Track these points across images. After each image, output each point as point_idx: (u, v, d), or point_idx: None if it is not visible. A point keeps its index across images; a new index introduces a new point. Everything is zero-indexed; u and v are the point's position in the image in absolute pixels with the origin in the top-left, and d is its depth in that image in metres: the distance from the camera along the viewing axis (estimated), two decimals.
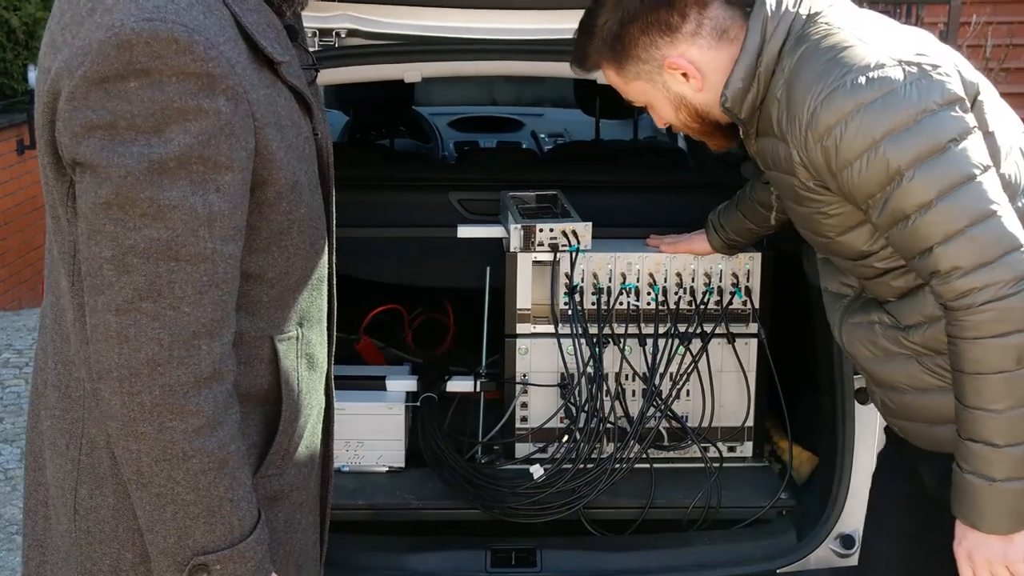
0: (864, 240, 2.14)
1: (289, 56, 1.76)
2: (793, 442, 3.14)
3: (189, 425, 1.59)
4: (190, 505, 1.62)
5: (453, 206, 3.73)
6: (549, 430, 3.16)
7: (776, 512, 3.08)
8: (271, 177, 1.68)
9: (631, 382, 3.17)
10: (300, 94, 1.78)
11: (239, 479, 1.66)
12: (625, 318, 3.13)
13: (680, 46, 2.20)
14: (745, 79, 2.15)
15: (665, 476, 3.13)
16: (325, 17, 3.25)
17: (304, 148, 1.78)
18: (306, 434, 1.90)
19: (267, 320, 1.77)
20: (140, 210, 1.54)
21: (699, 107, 2.28)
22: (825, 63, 2.03)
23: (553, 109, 6.56)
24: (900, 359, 2.18)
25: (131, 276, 1.55)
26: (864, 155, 1.97)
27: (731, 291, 3.15)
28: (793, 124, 2.06)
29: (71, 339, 1.73)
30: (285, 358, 1.80)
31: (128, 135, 1.53)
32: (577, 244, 3.10)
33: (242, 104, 1.60)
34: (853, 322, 2.26)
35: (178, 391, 1.57)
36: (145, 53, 1.52)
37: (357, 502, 3.06)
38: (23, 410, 5.62)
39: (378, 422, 3.20)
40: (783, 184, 2.21)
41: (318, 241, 1.85)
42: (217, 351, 1.61)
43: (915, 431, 2.25)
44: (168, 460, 1.59)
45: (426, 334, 3.85)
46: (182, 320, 1.57)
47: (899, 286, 2.15)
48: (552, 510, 2.99)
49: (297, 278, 1.80)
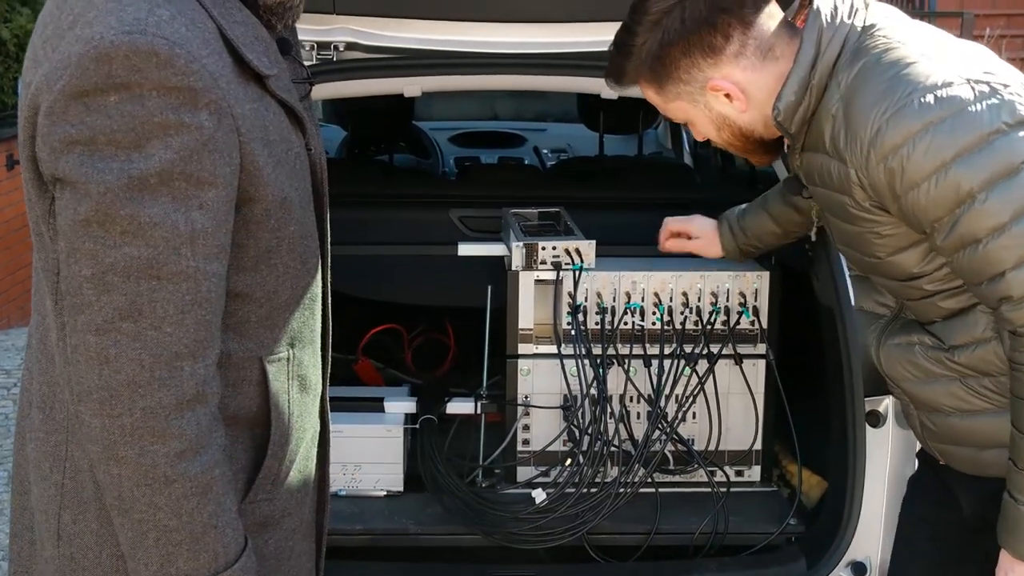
0: (916, 261, 2.09)
1: (278, 69, 1.72)
2: (802, 466, 3.09)
3: (171, 449, 1.56)
4: (173, 531, 1.59)
5: (454, 223, 3.70)
6: (552, 453, 3.11)
7: (785, 538, 3.02)
8: (258, 194, 1.65)
9: (636, 404, 3.12)
10: (291, 108, 1.75)
11: (224, 505, 1.63)
12: (630, 338, 3.08)
13: (723, 68, 2.14)
14: (798, 92, 2.09)
15: (671, 501, 3.07)
16: (323, 30, 3.23)
17: (295, 164, 1.75)
18: (299, 458, 1.87)
19: (255, 341, 1.74)
20: (120, 227, 1.51)
21: (743, 127, 2.22)
22: (889, 80, 1.97)
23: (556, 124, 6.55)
24: (943, 380, 2.14)
25: (111, 295, 1.52)
26: (933, 176, 1.92)
27: (738, 311, 3.10)
28: (854, 142, 2.00)
29: (56, 359, 1.71)
30: (275, 380, 1.76)
31: (108, 151, 1.50)
32: (580, 262, 3.05)
33: (226, 119, 1.57)
34: (892, 343, 2.22)
35: (160, 414, 1.55)
36: (124, 67, 1.50)
37: (354, 527, 3.01)
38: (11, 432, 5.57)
39: (376, 445, 3.14)
40: (832, 202, 2.15)
41: (310, 259, 1.82)
42: (201, 373, 1.58)
43: (958, 455, 2.20)
44: (150, 485, 1.56)
45: (426, 354, 3.82)
46: (164, 340, 1.54)
47: (947, 307, 2.10)
48: (555, 536, 2.94)
49: (287, 297, 1.77)
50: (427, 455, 3.10)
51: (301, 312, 1.81)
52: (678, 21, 2.11)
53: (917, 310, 2.17)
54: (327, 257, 1.95)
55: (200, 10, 1.60)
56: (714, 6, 2.10)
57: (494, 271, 3.23)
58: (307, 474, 1.92)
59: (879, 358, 2.26)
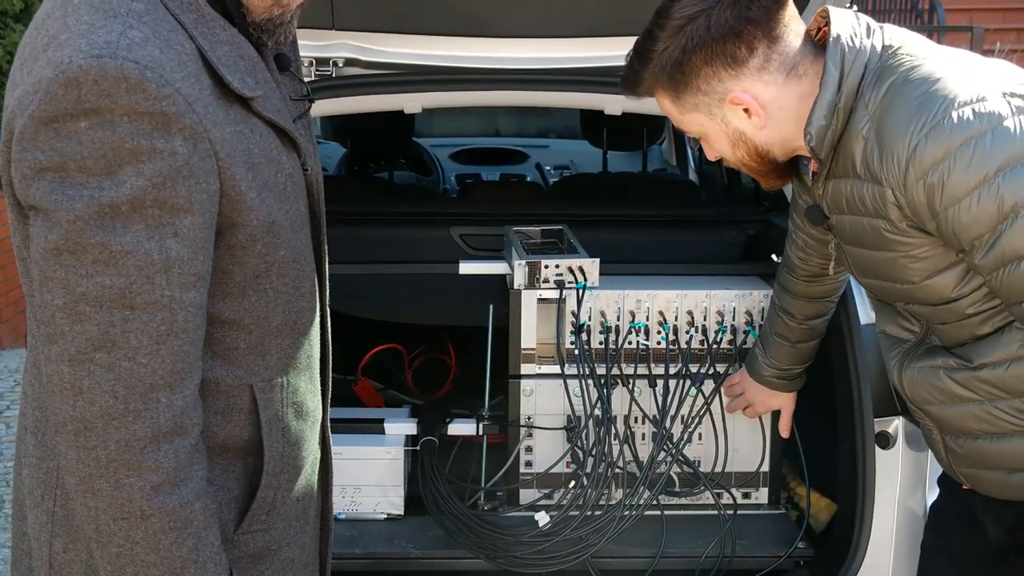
0: (953, 284, 2.04)
1: (264, 90, 1.69)
2: (811, 488, 3.05)
3: (147, 482, 1.54)
4: (151, 567, 1.57)
5: (455, 241, 3.68)
6: (555, 475, 3.07)
7: (793, 562, 2.98)
8: (241, 219, 1.62)
9: (641, 425, 3.08)
10: (281, 129, 1.72)
11: (205, 539, 1.61)
12: (634, 358, 3.05)
13: (745, 81, 2.09)
14: (827, 116, 2.05)
15: (677, 524, 3.04)
16: (322, 46, 3.23)
17: (285, 186, 1.72)
18: (297, 486, 1.84)
19: (245, 368, 1.71)
20: (91, 256, 1.49)
21: (759, 145, 2.17)
22: (922, 96, 1.94)
23: (559, 140, 6.56)
24: (971, 404, 2.10)
25: (84, 325, 1.50)
26: (975, 192, 1.88)
27: (745, 330, 3.07)
28: (889, 161, 1.95)
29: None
30: (267, 408, 1.74)
31: (79, 177, 1.48)
32: (584, 281, 3.02)
33: (202, 143, 1.54)
34: (916, 367, 2.18)
35: (135, 446, 1.52)
36: (94, 91, 1.47)
37: (354, 551, 2.97)
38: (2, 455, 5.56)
39: (376, 467, 3.11)
40: (861, 229, 2.10)
41: (303, 283, 1.79)
42: (178, 404, 1.56)
43: (986, 479, 2.16)
44: (126, 519, 1.54)
45: (426, 375, 3.80)
46: (138, 372, 1.52)
47: (982, 331, 2.06)
48: (558, 559, 2.90)
49: (278, 323, 1.74)
50: (428, 477, 3.06)
51: (295, 337, 1.78)
52: (703, 28, 2.06)
53: (947, 334, 2.12)
54: (325, 279, 1.92)
55: (179, 30, 1.57)
56: (741, 16, 2.05)
57: (496, 290, 3.20)
58: (307, 503, 1.89)
59: (902, 383, 2.22)
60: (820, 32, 2.10)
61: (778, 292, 2.76)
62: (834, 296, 2.73)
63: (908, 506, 2.81)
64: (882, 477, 2.79)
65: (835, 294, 2.72)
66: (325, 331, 1.94)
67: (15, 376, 6.61)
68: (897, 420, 2.80)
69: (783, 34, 2.07)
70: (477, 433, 3.18)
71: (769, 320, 2.83)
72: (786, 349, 2.80)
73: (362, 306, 3.68)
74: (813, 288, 2.67)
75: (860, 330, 2.81)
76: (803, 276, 2.64)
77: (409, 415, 3.33)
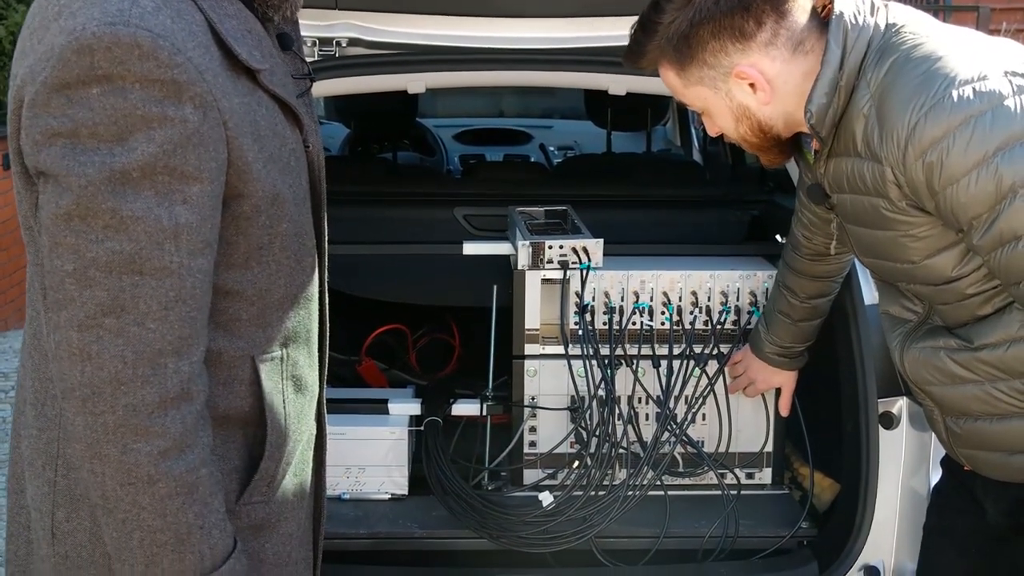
0: (953, 263, 2.04)
1: (271, 64, 1.71)
2: (815, 468, 3.05)
3: (155, 447, 1.55)
4: (157, 532, 1.58)
5: (459, 222, 3.68)
6: (559, 455, 3.07)
7: (797, 542, 2.99)
8: (247, 189, 1.64)
9: (644, 405, 3.08)
10: (285, 104, 1.73)
11: (211, 506, 1.62)
12: (638, 338, 3.04)
13: (752, 55, 2.08)
14: (829, 93, 2.04)
15: (680, 504, 3.04)
16: (326, 26, 3.22)
17: (288, 160, 1.73)
18: (295, 461, 1.86)
19: (247, 339, 1.73)
20: (102, 222, 1.50)
21: (763, 120, 2.16)
22: (923, 74, 1.92)
23: (563, 121, 6.55)
24: (971, 385, 2.09)
25: (93, 291, 1.51)
26: (973, 171, 1.87)
27: (749, 310, 3.06)
28: (889, 139, 1.95)
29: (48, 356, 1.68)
30: (268, 379, 1.75)
31: (90, 143, 1.49)
32: (588, 261, 3.01)
33: (212, 112, 1.56)
34: (917, 347, 2.17)
35: (142, 411, 1.53)
36: (107, 58, 1.48)
37: (358, 531, 2.98)
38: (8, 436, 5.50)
39: (380, 447, 3.11)
40: (862, 208, 2.10)
41: (305, 258, 1.80)
42: (185, 370, 1.57)
43: (986, 460, 2.16)
44: (133, 484, 1.55)
45: (430, 355, 3.80)
46: (147, 337, 1.53)
47: (983, 312, 2.06)
48: (562, 539, 2.90)
49: (280, 296, 1.76)
50: (432, 457, 3.06)
51: (295, 311, 1.80)
52: (711, 1, 2.05)
53: (949, 314, 2.12)
54: (324, 256, 1.93)
55: (188, 2, 1.58)
56: None
57: (500, 270, 3.20)
58: (303, 478, 1.91)
59: (903, 363, 2.21)
60: (825, 9, 2.09)
61: (782, 269, 2.75)
62: (838, 276, 2.72)
63: (911, 486, 2.80)
64: (886, 457, 2.79)
65: (839, 274, 2.72)
66: (323, 308, 1.95)
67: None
68: (901, 400, 2.79)
69: (791, 9, 2.06)
70: (481, 413, 3.18)
71: (773, 297, 2.83)
72: (788, 327, 2.80)
73: (366, 286, 3.68)
74: (817, 267, 2.66)
75: (864, 310, 2.80)
76: (807, 254, 2.64)
77: (413, 395, 3.32)
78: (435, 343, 3.81)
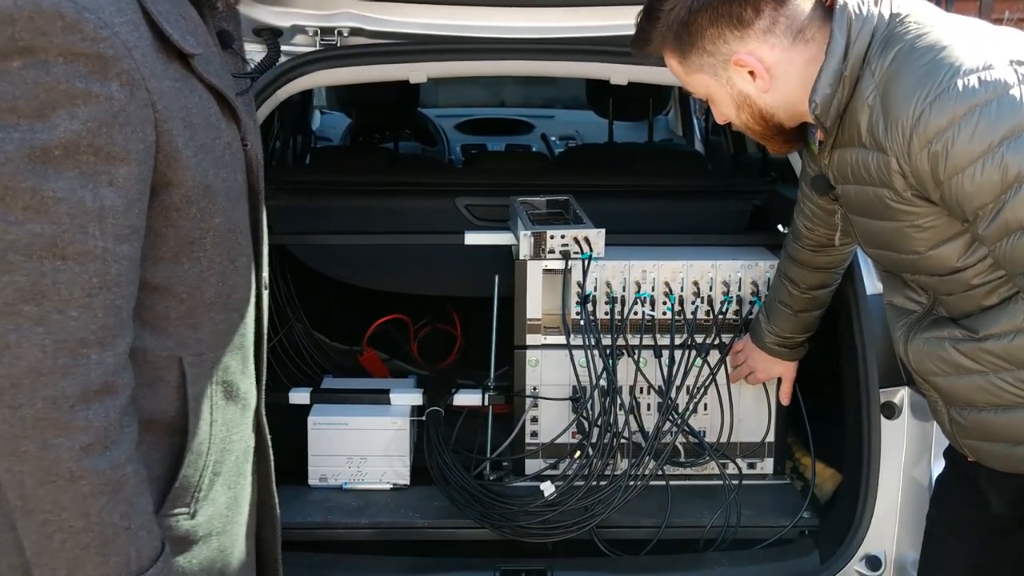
0: (958, 254, 2.03)
1: (206, 52, 1.63)
2: (816, 458, 3.05)
3: (76, 442, 1.45)
4: (80, 533, 1.48)
5: (460, 212, 3.67)
6: (560, 446, 3.07)
7: (798, 531, 2.98)
8: (177, 178, 1.56)
9: (646, 395, 3.08)
10: (221, 95, 1.66)
11: (137, 505, 1.53)
12: (640, 329, 3.04)
13: (750, 43, 2.08)
14: (832, 84, 2.04)
15: (682, 494, 3.04)
16: (327, 15, 3.20)
17: (223, 154, 1.66)
18: (226, 473, 1.76)
19: (175, 339, 1.64)
20: (22, 202, 1.41)
21: (763, 108, 2.16)
22: (927, 64, 1.91)
23: (564, 111, 6.54)
24: (975, 375, 2.08)
25: (12, 275, 1.42)
26: (979, 160, 1.86)
27: (750, 300, 3.06)
28: (894, 129, 1.94)
29: None
30: (195, 383, 1.66)
31: (9, 119, 1.41)
32: (590, 251, 3.01)
33: (139, 91, 1.48)
34: (922, 338, 2.16)
35: (63, 404, 1.44)
36: (28, 29, 1.40)
37: (360, 521, 2.98)
38: None
39: (382, 437, 3.11)
40: (867, 199, 2.09)
41: (239, 257, 1.72)
42: (109, 362, 1.48)
43: (990, 451, 2.15)
44: (53, 482, 1.45)
45: (432, 345, 3.80)
46: (68, 326, 1.44)
47: (988, 303, 2.05)
48: (564, 529, 2.90)
49: (212, 295, 1.67)
50: (434, 448, 3.06)
51: (228, 313, 1.72)
52: None
53: (954, 305, 2.11)
54: (263, 259, 1.84)
55: None
56: None
57: (501, 260, 3.19)
58: (238, 493, 1.81)
59: (907, 353, 2.21)
60: None
61: (784, 260, 2.75)
62: (839, 268, 2.72)
63: (913, 476, 2.80)
64: (887, 447, 2.79)
65: (840, 266, 2.71)
66: (261, 314, 1.85)
67: None
68: (903, 390, 2.79)
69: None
70: (483, 403, 3.19)
71: (774, 287, 2.83)
72: (788, 317, 2.80)
73: (368, 276, 3.69)
74: (818, 258, 2.66)
75: (866, 300, 2.80)
76: (809, 245, 2.64)
77: (415, 385, 3.33)
78: (437, 333, 3.82)
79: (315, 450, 3.09)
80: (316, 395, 3.20)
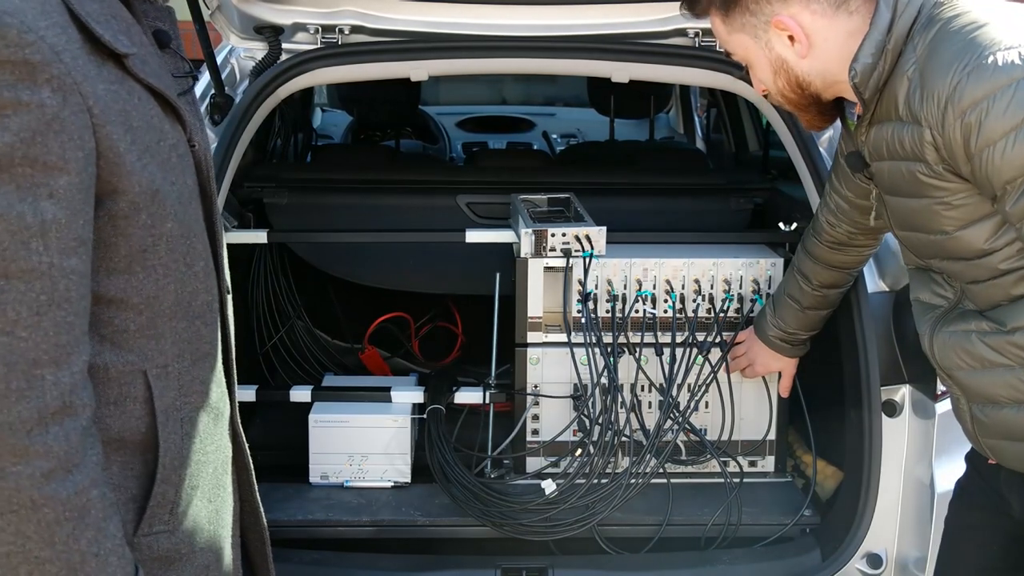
0: (987, 236, 2.02)
1: (141, 51, 1.57)
2: (817, 456, 3.04)
3: (36, 468, 1.38)
4: (46, 563, 1.41)
5: (461, 210, 3.66)
6: (561, 443, 3.07)
7: (800, 530, 2.98)
8: (122, 184, 1.49)
9: (647, 393, 3.08)
10: (161, 95, 1.60)
11: (106, 530, 1.46)
12: (641, 327, 3.04)
13: (792, 6, 2.11)
14: (875, 55, 2.05)
15: (683, 492, 3.04)
16: (328, 13, 3.20)
17: (169, 156, 1.60)
18: (204, 485, 1.70)
19: (137, 353, 1.57)
20: None
21: (800, 76, 2.18)
22: (967, 38, 1.93)
23: (566, 108, 6.53)
24: (1000, 369, 2.06)
25: None
26: (1012, 134, 1.86)
27: (752, 298, 3.05)
28: (930, 99, 1.95)
29: None
30: (162, 396, 1.60)
31: None
32: (591, 249, 3.01)
33: (72, 97, 1.41)
34: (948, 331, 2.15)
35: (20, 429, 1.37)
36: None
37: (361, 519, 2.99)
38: None
39: (383, 435, 3.11)
40: (899, 176, 2.09)
41: (196, 262, 1.66)
42: (65, 381, 1.41)
43: (1012, 451, 2.12)
44: (15, 511, 1.38)
45: (433, 343, 3.79)
46: (18, 347, 1.37)
47: (1018, 291, 2.03)
48: (565, 527, 2.90)
49: (171, 303, 1.61)
50: (435, 445, 3.06)
51: (190, 321, 1.66)
52: None
53: (981, 295, 2.09)
54: (222, 262, 1.78)
55: None
56: None
57: (503, 258, 3.19)
58: (220, 504, 1.76)
59: (932, 347, 2.19)
60: None
61: (799, 254, 2.75)
62: (853, 269, 2.72)
63: (914, 474, 2.80)
64: (888, 445, 2.79)
65: (855, 267, 2.71)
66: (226, 319, 1.79)
67: None
68: (904, 388, 2.79)
69: None
70: (484, 401, 3.18)
71: (784, 281, 2.82)
72: (795, 312, 2.79)
73: (369, 274, 3.68)
74: (835, 256, 2.66)
75: (867, 298, 2.79)
76: (827, 241, 2.63)
77: (416, 383, 3.33)
78: (438, 331, 3.82)
79: (316, 448, 3.09)
80: (317, 393, 3.19)
